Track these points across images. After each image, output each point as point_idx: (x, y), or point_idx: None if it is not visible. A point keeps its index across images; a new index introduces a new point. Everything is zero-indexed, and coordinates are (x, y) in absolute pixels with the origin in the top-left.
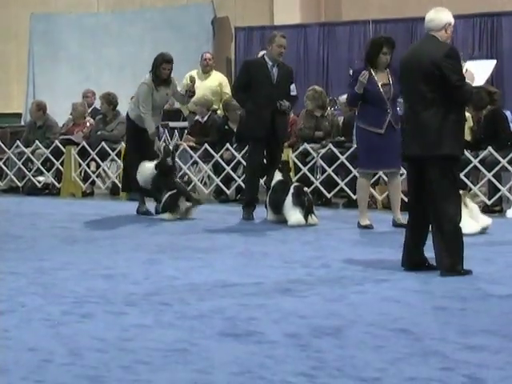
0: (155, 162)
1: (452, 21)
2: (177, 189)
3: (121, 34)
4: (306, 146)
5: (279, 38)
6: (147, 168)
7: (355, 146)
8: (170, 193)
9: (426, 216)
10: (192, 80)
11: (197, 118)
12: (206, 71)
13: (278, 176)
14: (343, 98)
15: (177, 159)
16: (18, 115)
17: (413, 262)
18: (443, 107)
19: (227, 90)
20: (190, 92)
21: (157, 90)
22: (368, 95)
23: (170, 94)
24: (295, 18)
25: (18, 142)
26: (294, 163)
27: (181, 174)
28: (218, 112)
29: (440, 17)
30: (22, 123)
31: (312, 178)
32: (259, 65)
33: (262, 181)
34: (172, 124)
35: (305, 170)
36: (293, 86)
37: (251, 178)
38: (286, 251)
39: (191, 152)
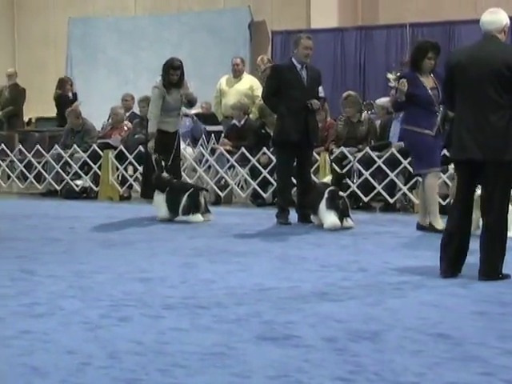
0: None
1: (509, 22)
2: (192, 187)
3: (158, 37)
4: (343, 149)
5: (305, 40)
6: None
7: (394, 148)
8: (187, 193)
9: (470, 222)
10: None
11: (233, 121)
12: (236, 76)
13: (325, 179)
14: (380, 101)
15: (213, 163)
16: (56, 119)
17: (456, 270)
18: (510, 110)
19: (258, 92)
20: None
21: (169, 94)
22: (417, 99)
23: (183, 95)
24: (332, 21)
25: (56, 145)
26: (331, 167)
27: (217, 177)
28: (251, 115)
29: (500, 18)
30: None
31: (349, 182)
32: (288, 69)
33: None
34: (209, 128)
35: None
36: (321, 88)
37: (284, 182)
38: (323, 255)
39: (228, 156)
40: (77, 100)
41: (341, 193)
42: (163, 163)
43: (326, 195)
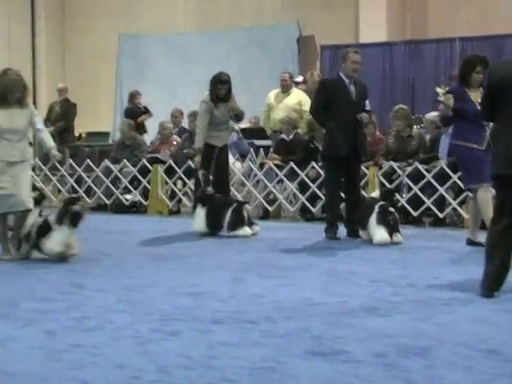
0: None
1: None
2: (235, 202)
3: (207, 52)
4: (392, 164)
5: (353, 55)
6: (199, 213)
7: (444, 162)
8: (231, 208)
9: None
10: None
11: (282, 136)
12: (284, 91)
13: (373, 194)
14: (429, 115)
15: (262, 177)
16: (106, 134)
17: (496, 286)
18: None
19: (306, 107)
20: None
21: (216, 108)
22: (466, 113)
23: (231, 109)
24: (381, 35)
25: (106, 160)
26: (380, 181)
27: (266, 192)
28: (299, 130)
29: None
30: (110, 142)
31: (398, 197)
32: (337, 83)
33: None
34: (257, 142)
35: (391, 188)
36: (367, 102)
37: (333, 196)
38: (372, 270)
39: (277, 170)
40: (148, 112)
41: (391, 208)
42: (210, 178)
43: (376, 210)
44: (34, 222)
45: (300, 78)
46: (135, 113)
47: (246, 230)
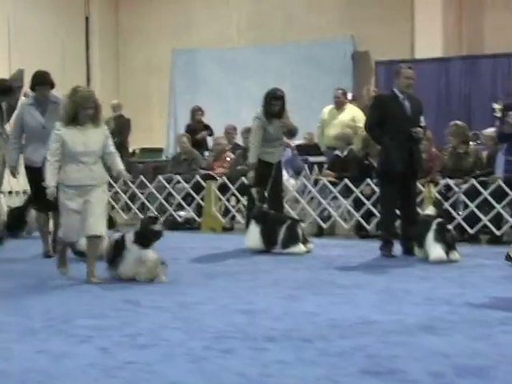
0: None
1: None
2: (289, 219)
3: (261, 67)
4: (448, 181)
5: (406, 70)
6: (253, 230)
7: (500, 179)
8: (285, 225)
9: None
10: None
11: (336, 152)
12: (338, 107)
13: (429, 210)
14: (487, 131)
15: (316, 194)
16: (160, 150)
17: None
18: None
19: (361, 124)
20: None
21: (270, 124)
22: None
23: (284, 125)
24: (437, 51)
25: (159, 176)
26: (436, 199)
27: (320, 209)
28: (353, 146)
29: None
30: (164, 158)
31: (454, 214)
32: (391, 99)
33: None
34: (312, 159)
35: (447, 205)
36: (422, 118)
37: (388, 213)
38: (428, 288)
39: (331, 187)
40: (209, 129)
41: (448, 225)
42: (264, 194)
43: (433, 227)
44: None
45: (350, 96)
46: (196, 129)
47: (300, 248)
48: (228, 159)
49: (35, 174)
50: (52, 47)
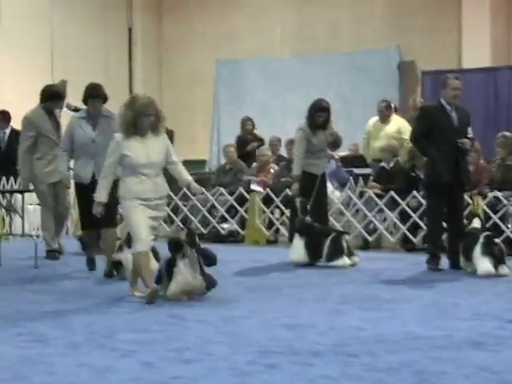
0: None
1: None
2: (334, 231)
3: (305, 78)
4: (497, 193)
5: (452, 81)
6: (297, 242)
7: None
8: (329, 238)
9: None
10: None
11: (382, 164)
12: (382, 120)
13: (475, 223)
14: None
15: (361, 206)
16: (203, 162)
17: None
18: None
19: (406, 135)
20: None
21: (314, 135)
22: None
23: (328, 136)
24: (484, 61)
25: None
26: (484, 211)
27: (366, 221)
28: (399, 158)
29: None
30: (207, 170)
31: (503, 227)
32: (438, 110)
33: None
34: (357, 170)
35: (495, 218)
36: (470, 129)
37: (435, 226)
38: (476, 303)
39: (377, 199)
40: (260, 141)
41: (496, 238)
42: (308, 207)
43: (481, 240)
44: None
45: (394, 107)
46: (247, 140)
47: (345, 261)
48: (272, 171)
49: (83, 192)
50: (95, 58)
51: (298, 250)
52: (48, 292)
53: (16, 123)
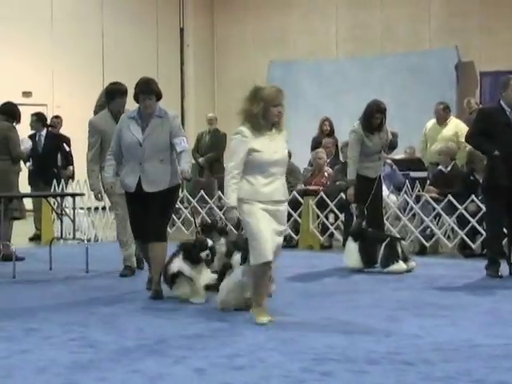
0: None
1: None
2: (389, 237)
3: (360, 80)
4: None
5: None
6: (351, 248)
7: None
8: (384, 243)
9: None
10: None
11: (440, 167)
12: (440, 123)
13: None
14: None
15: (418, 211)
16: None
17: None
18: None
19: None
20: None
21: (368, 138)
22: None
23: (383, 138)
24: None
25: None
26: None
27: (423, 226)
28: (457, 161)
29: None
30: None
31: None
32: (497, 112)
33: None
34: (413, 174)
35: None
36: None
37: (495, 231)
38: None
39: (434, 204)
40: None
41: None
42: (363, 211)
43: None
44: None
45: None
46: (321, 142)
47: (401, 266)
48: (326, 174)
49: (129, 201)
50: (146, 60)
51: (352, 255)
52: (99, 298)
53: (67, 126)
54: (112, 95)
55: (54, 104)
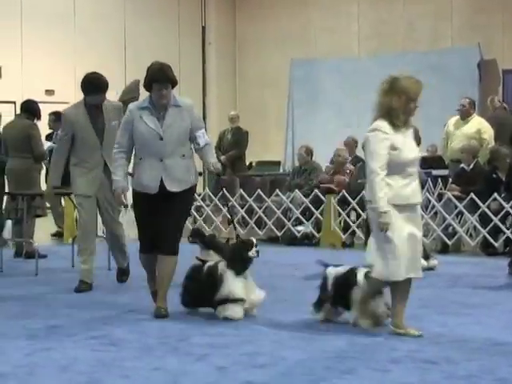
0: None
1: None
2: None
3: (381, 78)
4: None
5: None
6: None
7: None
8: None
9: None
10: None
11: (462, 165)
12: (463, 118)
13: None
14: None
15: (440, 209)
16: (277, 163)
17: None
18: None
19: (486, 136)
20: None
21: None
22: None
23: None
24: None
25: (277, 190)
26: None
27: (445, 224)
28: (479, 159)
29: None
30: (281, 171)
31: None
32: None
33: None
34: (435, 172)
35: None
36: None
37: None
38: None
39: (456, 202)
40: None
41: None
42: None
43: None
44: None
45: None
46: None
47: (422, 264)
48: (347, 171)
49: (145, 204)
50: (167, 57)
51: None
52: (121, 294)
53: None
54: (94, 89)
55: (76, 102)
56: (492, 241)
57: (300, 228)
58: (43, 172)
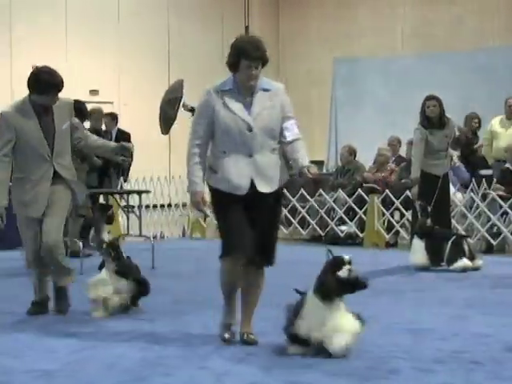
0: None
1: None
2: (455, 234)
3: (425, 77)
4: None
5: None
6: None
7: None
8: (450, 241)
9: None
10: None
11: (507, 165)
12: (509, 117)
13: None
14: None
15: (485, 209)
16: (321, 162)
17: None
18: None
19: None
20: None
21: (431, 134)
22: None
23: (449, 135)
24: None
25: (320, 190)
26: None
27: (489, 224)
28: None
29: None
30: (324, 171)
31: None
32: None
33: None
34: (481, 172)
35: None
36: None
37: None
38: None
39: (501, 202)
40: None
41: None
42: (427, 209)
43: None
44: None
45: None
46: (473, 142)
47: (467, 263)
48: (389, 168)
49: (234, 205)
50: (212, 57)
51: (418, 253)
52: (165, 294)
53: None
54: (48, 88)
55: (121, 101)
56: None
57: (343, 228)
58: None
